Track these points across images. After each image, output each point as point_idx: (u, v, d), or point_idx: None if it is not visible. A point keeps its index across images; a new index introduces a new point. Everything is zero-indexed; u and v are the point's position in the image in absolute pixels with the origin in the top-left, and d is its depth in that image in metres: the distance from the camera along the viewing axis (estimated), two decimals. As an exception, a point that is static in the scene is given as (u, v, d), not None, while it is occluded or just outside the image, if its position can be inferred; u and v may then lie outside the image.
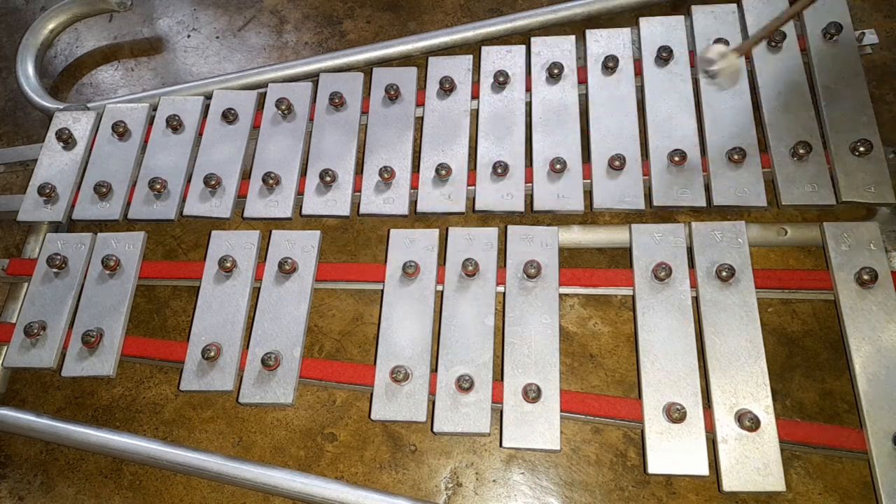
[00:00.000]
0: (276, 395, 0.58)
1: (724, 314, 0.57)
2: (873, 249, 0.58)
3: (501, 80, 0.70)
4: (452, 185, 0.66)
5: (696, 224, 0.61)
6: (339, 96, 0.71)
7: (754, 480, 0.51)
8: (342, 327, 0.67)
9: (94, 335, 0.61)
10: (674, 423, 0.53)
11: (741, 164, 0.63)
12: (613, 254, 0.67)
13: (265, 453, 0.62)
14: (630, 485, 0.57)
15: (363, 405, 0.63)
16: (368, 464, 0.60)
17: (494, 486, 0.59)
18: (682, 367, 0.55)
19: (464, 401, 0.56)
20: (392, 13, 0.87)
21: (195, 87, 0.78)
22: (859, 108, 0.64)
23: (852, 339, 0.55)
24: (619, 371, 0.62)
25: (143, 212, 0.69)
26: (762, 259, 0.65)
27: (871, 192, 0.60)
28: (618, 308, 0.65)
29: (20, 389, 0.68)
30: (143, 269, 0.66)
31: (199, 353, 0.60)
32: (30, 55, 0.85)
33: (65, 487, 0.63)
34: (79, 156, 0.73)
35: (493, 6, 0.85)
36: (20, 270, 0.69)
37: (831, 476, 0.56)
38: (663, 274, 0.58)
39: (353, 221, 0.72)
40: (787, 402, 0.59)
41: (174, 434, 0.64)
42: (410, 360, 0.58)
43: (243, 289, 0.63)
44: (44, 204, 0.71)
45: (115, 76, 0.88)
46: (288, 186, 0.68)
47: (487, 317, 0.59)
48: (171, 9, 0.92)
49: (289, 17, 0.89)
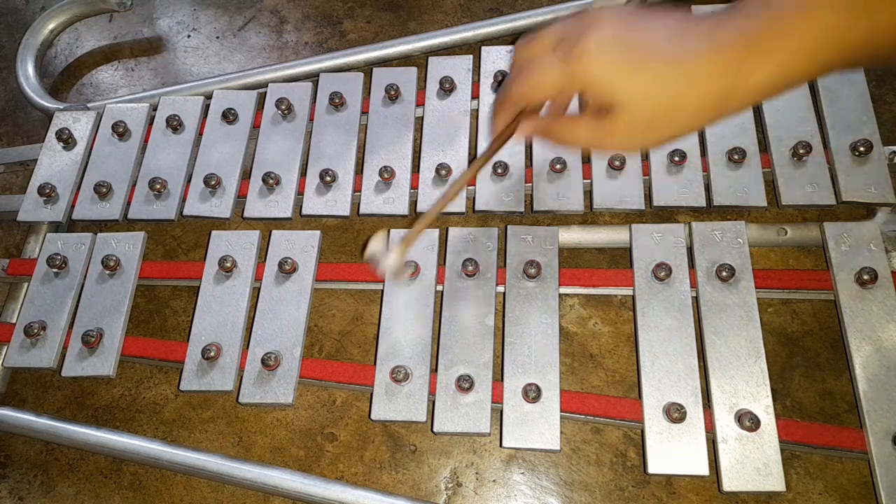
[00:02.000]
0: (276, 395, 0.58)
1: (724, 314, 0.57)
2: (873, 249, 0.58)
3: (501, 79, 0.70)
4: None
5: (696, 224, 0.61)
6: (339, 96, 0.71)
7: (754, 480, 0.51)
8: (342, 327, 0.67)
9: (94, 335, 0.61)
10: (674, 423, 0.53)
11: (741, 164, 0.63)
12: (613, 254, 0.67)
13: (265, 453, 0.62)
14: (630, 485, 0.57)
15: (363, 405, 0.63)
16: (368, 464, 0.60)
17: (494, 486, 0.59)
18: (682, 367, 0.55)
19: (464, 401, 0.56)
20: (392, 13, 0.87)
21: (195, 87, 0.78)
22: (859, 108, 0.64)
23: (852, 339, 0.55)
24: (619, 371, 0.62)
25: (143, 212, 0.69)
26: (762, 259, 0.65)
27: (871, 192, 0.60)
28: (618, 308, 0.65)
29: (20, 389, 0.68)
30: (143, 269, 0.67)
31: (199, 353, 0.60)
32: (30, 55, 0.85)
33: (65, 487, 0.63)
34: (79, 156, 0.73)
35: (493, 6, 0.85)
36: (20, 270, 0.69)
37: (831, 476, 0.56)
38: (663, 274, 0.58)
39: (353, 221, 0.72)
40: (787, 402, 0.59)
41: (174, 434, 0.64)
42: (410, 360, 0.58)
43: (243, 289, 0.63)
44: (44, 204, 0.71)
45: (115, 76, 0.88)
46: (288, 186, 0.68)
47: (487, 317, 0.59)
48: (171, 9, 0.92)
49: (289, 17, 0.89)
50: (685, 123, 0.44)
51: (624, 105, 0.44)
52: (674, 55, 0.42)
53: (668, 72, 0.42)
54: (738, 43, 0.40)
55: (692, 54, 0.41)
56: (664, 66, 0.42)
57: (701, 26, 0.42)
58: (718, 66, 0.41)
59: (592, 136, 0.47)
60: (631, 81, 0.43)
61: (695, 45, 0.42)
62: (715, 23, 0.42)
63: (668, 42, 0.43)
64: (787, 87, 0.41)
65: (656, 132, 0.45)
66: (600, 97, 0.45)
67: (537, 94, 0.49)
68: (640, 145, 0.47)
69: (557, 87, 0.47)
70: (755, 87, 0.41)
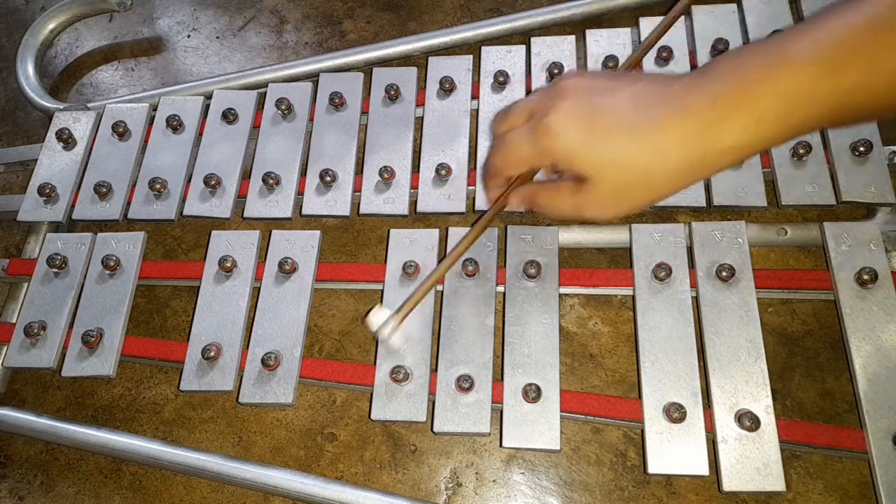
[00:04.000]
0: (276, 395, 0.58)
1: (724, 314, 0.57)
2: (873, 249, 0.58)
3: (501, 80, 0.70)
4: (452, 185, 0.66)
5: (696, 224, 0.61)
6: (339, 96, 0.71)
7: (754, 480, 0.51)
8: (342, 327, 0.67)
9: (94, 335, 0.61)
10: (674, 423, 0.53)
11: (741, 164, 0.63)
12: (613, 254, 0.67)
13: (265, 453, 0.62)
14: (630, 485, 0.57)
15: (363, 405, 0.63)
16: (368, 464, 0.60)
17: (494, 485, 0.59)
18: (682, 367, 0.55)
19: (464, 401, 0.56)
20: (392, 13, 0.87)
21: (195, 87, 0.78)
22: (859, 108, 0.64)
23: (852, 339, 0.55)
24: (619, 371, 0.62)
25: (143, 212, 0.69)
26: (762, 259, 0.65)
27: (871, 192, 0.60)
28: (618, 308, 0.65)
29: (20, 389, 0.68)
30: (143, 269, 0.67)
31: (199, 353, 0.60)
32: (30, 55, 0.85)
33: (65, 487, 0.63)
34: (79, 156, 0.73)
35: (493, 6, 0.85)
36: (20, 270, 0.69)
37: (831, 476, 0.56)
38: (663, 274, 0.58)
39: (353, 221, 0.72)
40: (787, 402, 0.59)
41: (174, 434, 0.64)
42: (410, 360, 0.58)
43: (243, 289, 0.63)
44: (44, 204, 0.71)
45: (115, 76, 0.88)
46: (288, 186, 0.68)
47: (487, 317, 0.59)
48: (171, 9, 0.92)
49: (289, 17, 0.89)
50: (660, 189, 0.44)
51: (594, 176, 0.45)
52: (641, 125, 0.42)
53: (634, 142, 0.42)
54: (705, 109, 0.40)
55: (658, 124, 0.42)
56: (630, 137, 0.42)
57: (669, 91, 0.42)
58: (687, 135, 0.41)
59: (572, 206, 0.48)
60: (596, 153, 0.43)
61: (662, 112, 0.42)
62: (683, 88, 0.42)
63: (634, 111, 0.43)
64: (759, 150, 0.41)
65: (632, 199, 0.45)
66: (570, 169, 0.46)
67: (512, 168, 0.51)
68: (619, 211, 0.47)
69: (529, 161, 0.49)
70: (726, 152, 0.41)
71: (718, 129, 0.40)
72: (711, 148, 0.41)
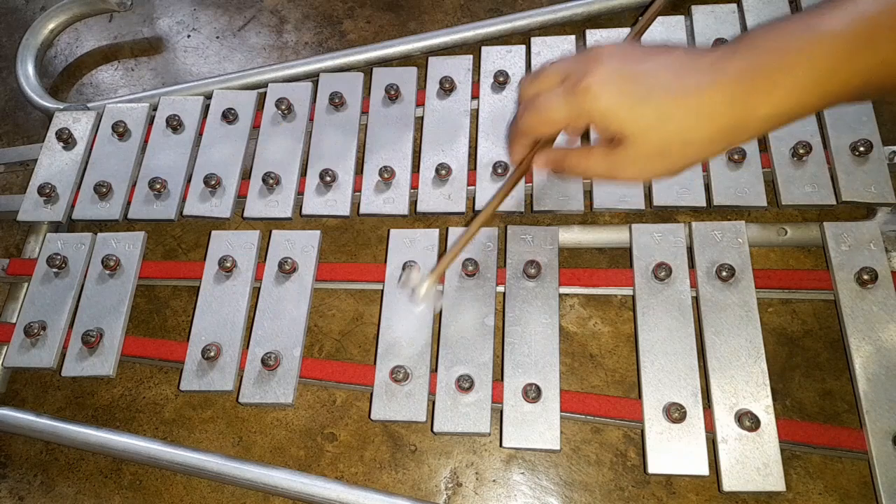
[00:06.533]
0: (276, 395, 0.58)
1: (724, 314, 0.57)
2: (873, 249, 0.58)
3: (501, 80, 0.70)
4: (452, 185, 0.66)
5: (696, 224, 0.61)
6: (339, 96, 0.71)
7: (754, 480, 0.51)
8: (342, 327, 0.67)
9: (94, 335, 0.61)
10: (674, 423, 0.53)
11: (741, 164, 0.63)
12: (613, 254, 0.67)
13: (265, 453, 0.62)
14: (630, 485, 0.57)
15: (363, 405, 0.63)
16: (368, 464, 0.60)
17: (494, 486, 0.59)
18: (682, 367, 0.55)
19: (464, 401, 0.56)
20: (392, 13, 0.87)
21: (195, 87, 0.78)
22: (859, 107, 0.64)
23: (852, 339, 0.55)
24: (619, 371, 0.62)
25: (143, 212, 0.69)
26: (762, 259, 0.65)
27: (871, 191, 0.60)
28: (618, 308, 0.65)
29: (20, 389, 0.68)
30: (143, 269, 0.67)
31: (199, 353, 0.60)
32: (30, 55, 0.85)
33: (65, 487, 0.63)
34: (79, 156, 0.73)
35: (493, 6, 0.85)
36: (20, 270, 0.69)
37: (831, 476, 0.56)
38: (663, 274, 0.58)
39: (353, 221, 0.72)
40: (787, 402, 0.59)
41: (174, 434, 0.64)
42: (410, 360, 0.58)
43: (243, 289, 0.63)
44: (44, 204, 0.71)
45: (115, 76, 0.88)
46: (288, 186, 0.68)
47: (487, 317, 0.59)
48: (171, 9, 0.92)
49: (289, 17, 0.89)
50: (697, 153, 0.45)
51: (633, 136, 0.45)
52: (680, 89, 0.43)
53: (674, 105, 0.43)
54: (744, 77, 0.41)
55: (698, 88, 0.42)
56: (670, 100, 0.43)
57: (704, 60, 0.43)
58: (726, 100, 0.42)
59: (606, 167, 0.48)
60: (637, 113, 0.44)
61: (700, 79, 0.42)
62: (719, 57, 0.42)
63: (673, 76, 0.43)
64: (794, 118, 0.42)
65: (669, 162, 0.46)
66: (609, 129, 0.46)
67: (546, 128, 0.51)
68: (654, 174, 0.48)
69: (565, 121, 0.49)
70: (763, 119, 0.42)
71: (756, 96, 0.41)
72: (750, 115, 0.41)
